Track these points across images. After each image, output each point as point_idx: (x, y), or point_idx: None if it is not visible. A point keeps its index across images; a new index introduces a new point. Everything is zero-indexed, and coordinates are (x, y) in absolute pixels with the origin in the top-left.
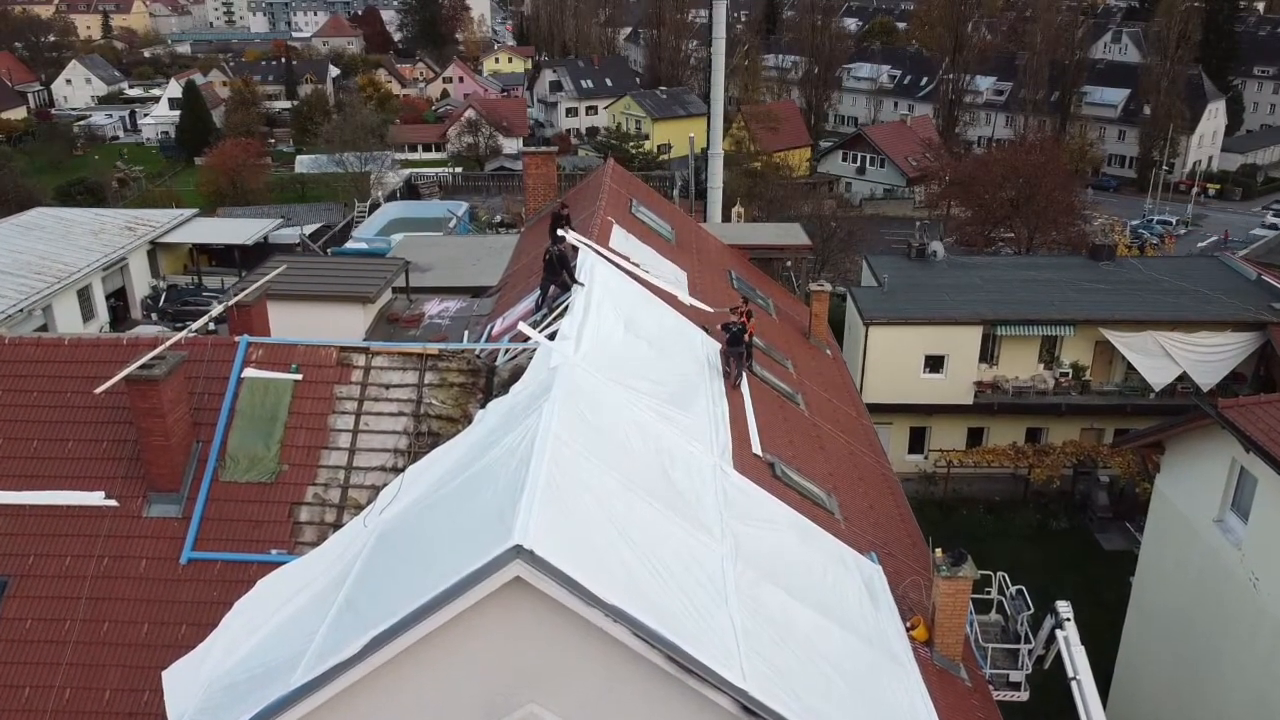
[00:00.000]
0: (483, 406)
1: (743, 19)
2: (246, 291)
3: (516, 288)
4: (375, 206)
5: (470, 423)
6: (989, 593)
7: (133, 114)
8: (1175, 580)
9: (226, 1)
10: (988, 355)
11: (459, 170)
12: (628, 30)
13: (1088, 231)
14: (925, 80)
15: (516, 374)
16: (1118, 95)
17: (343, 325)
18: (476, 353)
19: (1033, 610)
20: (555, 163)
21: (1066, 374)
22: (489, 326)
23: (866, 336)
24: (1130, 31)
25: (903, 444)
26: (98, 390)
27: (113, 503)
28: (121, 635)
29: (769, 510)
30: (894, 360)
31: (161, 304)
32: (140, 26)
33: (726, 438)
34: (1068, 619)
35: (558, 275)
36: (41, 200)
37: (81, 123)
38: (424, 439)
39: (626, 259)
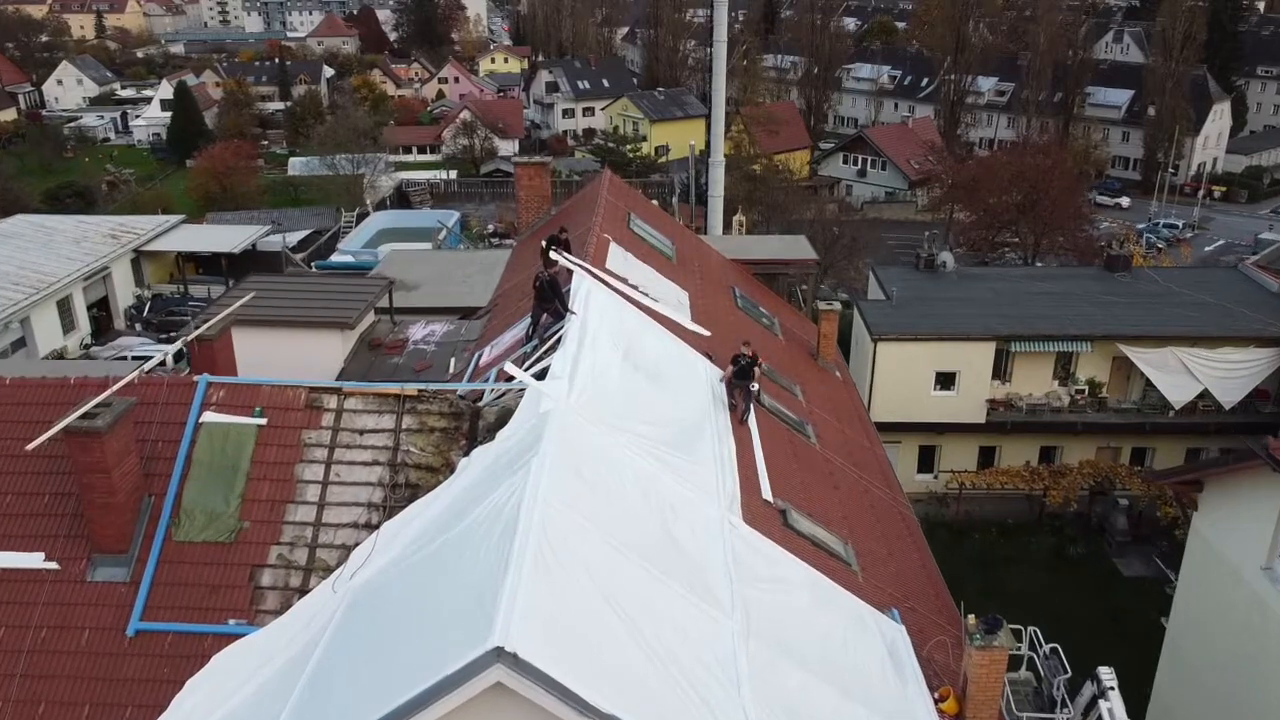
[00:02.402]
0: (466, 454)
1: (740, 19)
2: (209, 324)
3: (507, 310)
4: (364, 216)
5: (452, 472)
6: (1018, 648)
7: (124, 115)
8: (1215, 629)
9: (221, 1)
10: (1001, 372)
11: (453, 174)
12: (625, 30)
13: (1094, 236)
14: (926, 81)
15: (504, 417)
16: (1121, 96)
17: (321, 352)
18: (459, 393)
19: (1070, 674)
20: (549, 173)
21: (1082, 391)
22: (476, 355)
23: (875, 352)
24: (1132, 31)
25: (911, 463)
26: (30, 446)
27: (53, 565)
28: (60, 718)
29: (782, 569)
30: (903, 377)
31: (146, 314)
32: (134, 26)
33: (734, 484)
34: (1111, 688)
35: (549, 303)
36: (29, 204)
37: (72, 124)
38: (401, 491)
39: (624, 280)
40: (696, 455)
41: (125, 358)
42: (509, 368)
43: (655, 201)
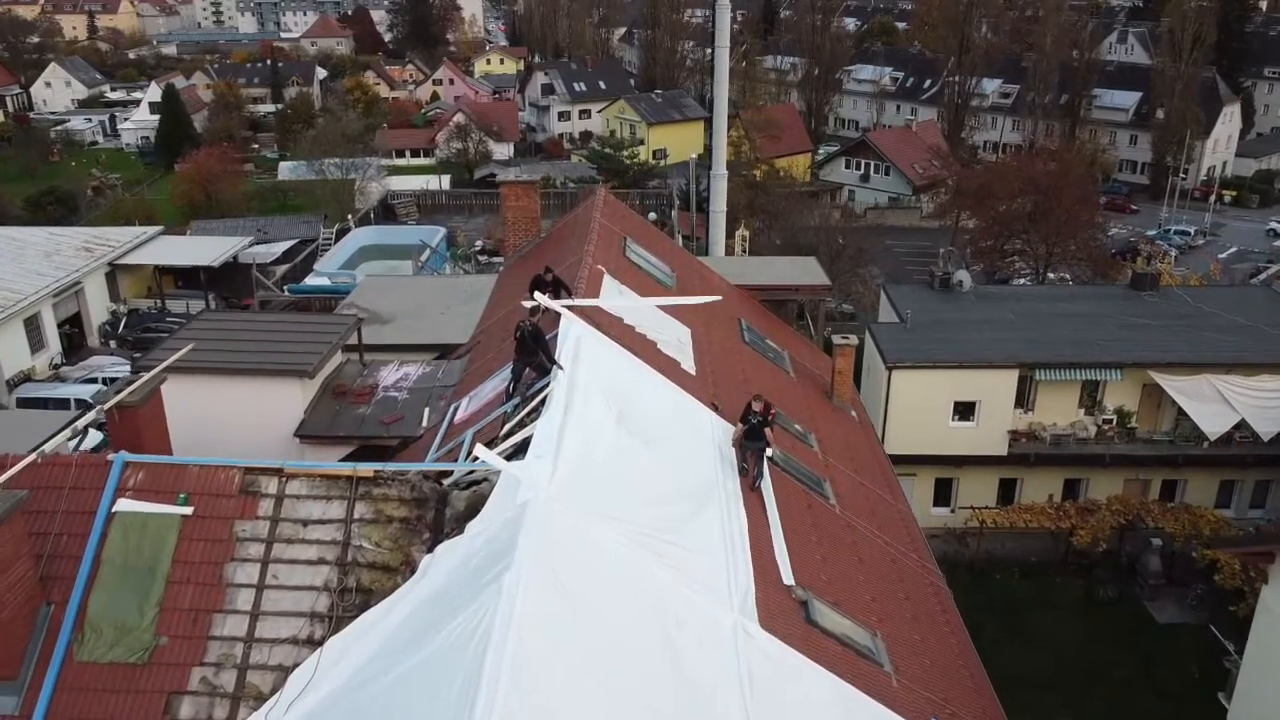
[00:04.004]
0: (429, 550)
1: (739, 19)
2: (132, 387)
3: (489, 350)
4: (344, 232)
5: (413, 572)
6: None
7: (113, 118)
8: None
9: (215, 1)
10: (1023, 400)
11: (446, 180)
12: (622, 30)
13: (1104, 243)
14: (929, 83)
15: (476, 503)
16: (1129, 98)
17: (277, 404)
18: (423, 467)
19: None
20: (538, 193)
21: (1110, 421)
22: (453, 407)
23: (889, 381)
24: (1136, 32)
25: (927, 496)
26: None
27: None
28: None
29: (807, 686)
30: (920, 407)
31: (121, 330)
32: (127, 27)
33: (748, 575)
34: None
35: (533, 356)
36: (9, 211)
37: (59, 127)
38: (350, 597)
39: (619, 320)
40: (703, 540)
41: (96, 379)
42: (480, 451)
43: (653, 214)
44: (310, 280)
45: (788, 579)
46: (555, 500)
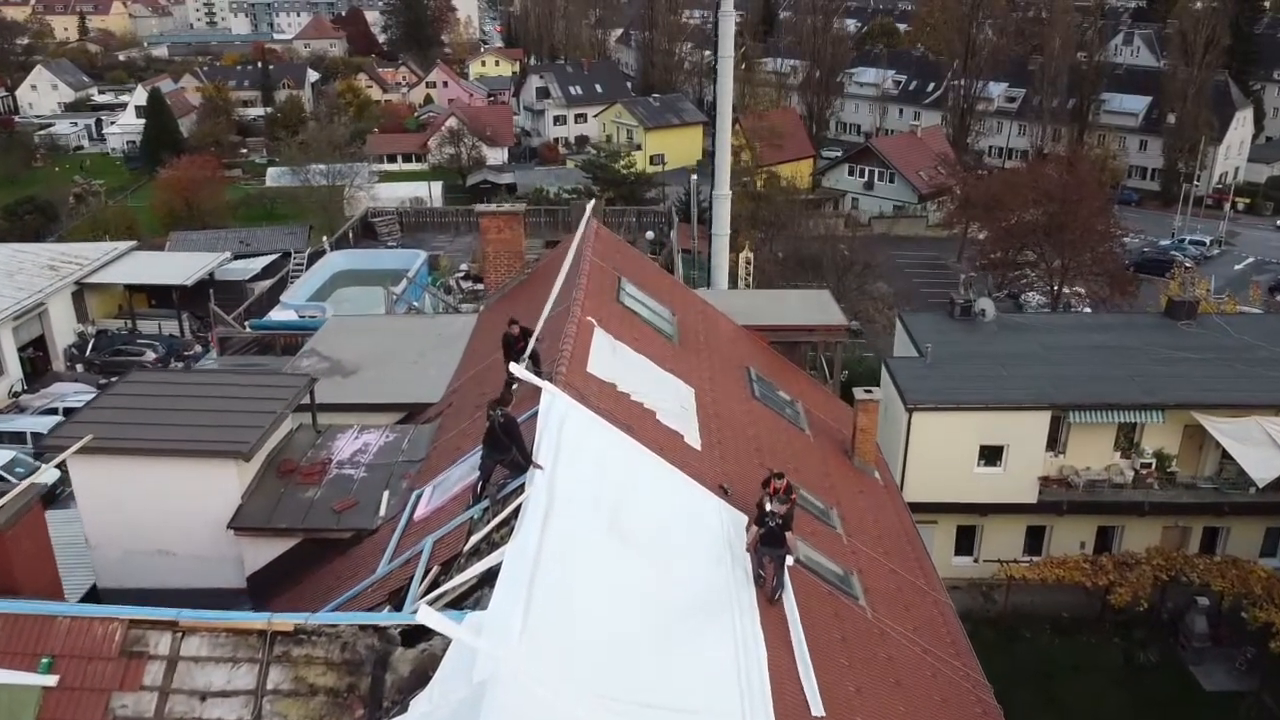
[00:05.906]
0: None
1: (738, 20)
2: (2, 502)
3: (463, 414)
4: (318, 256)
5: None
6: None
7: (99, 122)
8: None
9: (208, 2)
10: (1055, 443)
11: (439, 187)
12: (619, 32)
13: (1118, 253)
14: (932, 86)
15: (427, 665)
16: (1139, 103)
17: (208, 491)
18: (358, 627)
19: None
20: (521, 225)
21: (1149, 464)
22: (415, 494)
23: (909, 423)
24: (1143, 34)
25: (949, 545)
26: None
27: None
28: None
29: None
30: (942, 452)
31: (88, 353)
32: (119, 28)
33: None
34: None
35: (505, 452)
36: None
37: (44, 132)
38: None
39: (612, 386)
40: (715, 694)
41: (58, 409)
42: (424, 614)
43: (651, 233)
44: (275, 314)
45: (817, 711)
46: (523, 674)
